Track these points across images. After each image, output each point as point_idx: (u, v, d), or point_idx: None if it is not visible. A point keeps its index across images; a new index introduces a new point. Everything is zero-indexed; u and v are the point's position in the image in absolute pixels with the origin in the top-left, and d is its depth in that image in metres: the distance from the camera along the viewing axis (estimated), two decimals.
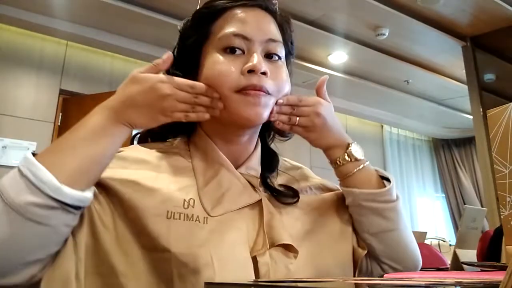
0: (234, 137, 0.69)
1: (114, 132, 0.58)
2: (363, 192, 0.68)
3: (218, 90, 0.63)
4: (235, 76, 0.63)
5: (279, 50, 0.68)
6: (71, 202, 0.52)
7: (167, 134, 0.74)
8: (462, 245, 1.20)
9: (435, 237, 4.06)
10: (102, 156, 0.56)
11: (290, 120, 0.66)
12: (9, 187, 0.50)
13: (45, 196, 0.50)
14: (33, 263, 0.51)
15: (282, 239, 0.63)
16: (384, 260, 0.71)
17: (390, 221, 0.69)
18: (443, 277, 0.68)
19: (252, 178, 0.69)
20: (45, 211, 0.50)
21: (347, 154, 0.69)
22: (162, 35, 3.40)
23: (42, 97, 3.45)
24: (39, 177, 0.50)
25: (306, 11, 3.37)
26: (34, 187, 0.50)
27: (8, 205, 0.49)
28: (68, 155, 0.54)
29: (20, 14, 3.21)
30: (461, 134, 6.22)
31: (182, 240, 0.58)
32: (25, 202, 0.49)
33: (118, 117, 0.58)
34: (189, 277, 0.56)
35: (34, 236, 0.50)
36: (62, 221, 0.52)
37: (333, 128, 0.69)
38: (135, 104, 0.58)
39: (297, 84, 4.15)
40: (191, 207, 0.61)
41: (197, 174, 0.66)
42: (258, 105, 0.62)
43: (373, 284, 0.44)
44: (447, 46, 3.83)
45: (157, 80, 0.59)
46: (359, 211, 0.70)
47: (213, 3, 0.68)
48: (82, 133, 0.56)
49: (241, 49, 0.65)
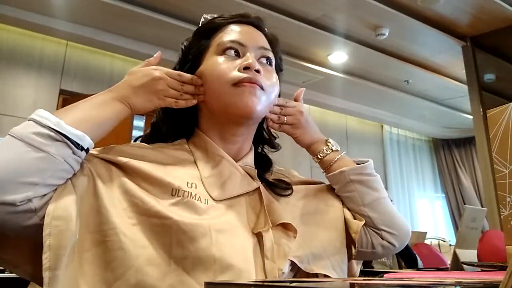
0: (231, 136, 0.75)
1: (115, 107, 0.67)
2: (351, 167, 0.79)
3: (216, 85, 0.71)
4: (231, 72, 0.71)
5: (270, 57, 0.78)
6: (71, 136, 0.59)
7: (167, 138, 0.79)
8: (462, 245, 1.20)
9: (435, 237, 4.06)
10: (103, 119, 0.65)
11: (279, 119, 0.79)
12: (18, 127, 0.59)
13: (47, 128, 0.58)
14: (29, 185, 0.55)
15: (283, 219, 0.70)
16: (381, 227, 0.79)
17: (378, 191, 0.80)
18: (443, 277, 0.68)
19: (250, 169, 0.75)
20: (45, 140, 0.57)
21: (327, 147, 0.82)
22: (162, 35, 3.41)
23: (42, 97, 3.45)
24: (44, 116, 0.59)
25: (306, 11, 3.37)
26: (38, 123, 0.58)
27: (14, 137, 0.57)
28: (74, 111, 0.64)
29: (20, 14, 3.21)
30: (461, 134, 6.22)
31: (184, 211, 0.63)
32: (29, 132, 0.57)
33: (120, 97, 0.68)
34: (187, 244, 0.60)
35: (32, 160, 0.56)
36: (60, 152, 0.58)
37: (313, 126, 0.83)
38: (133, 87, 0.69)
39: (297, 84, 4.15)
40: (193, 188, 0.67)
41: (199, 165, 0.72)
42: (254, 95, 0.70)
43: (373, 284, 0.44)
44: (447, 46, 3.83)
45: (150, 68, 0.71)
46: (350, 188, 0.79)
47: (212, 21, 0.80)
48: (89, 102, 0.66)
49: (237, 52, 0.74)
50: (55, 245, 0.55)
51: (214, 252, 0.60)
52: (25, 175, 0.55)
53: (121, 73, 4.05)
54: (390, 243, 0.79)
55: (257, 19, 0.81)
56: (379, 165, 5.64)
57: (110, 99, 0.67)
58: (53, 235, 0.55)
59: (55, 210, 0.57)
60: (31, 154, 0.56)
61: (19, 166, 0.55)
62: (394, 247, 0.80)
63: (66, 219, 0.56)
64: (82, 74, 3.67)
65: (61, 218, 0.56)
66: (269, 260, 0.65)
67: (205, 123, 0.76)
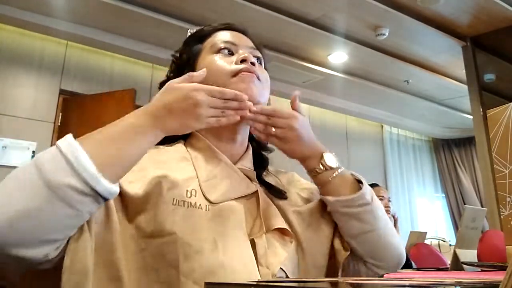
0: (228, 135, 0.76)
1: (150, 134, 0.61)
2: (338, 200, 0.72)
3: (217, 80, 0.72)
4: (230, 65, 0.74)
5: (260, 56, 0.81)
6: (104, 193, 0.54)
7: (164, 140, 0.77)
8: (462, 245, 1.20)
9: (435, 237, 4.05)
10: (134, 153, 0.60)
11: (265, 129, 0.71)
12: (48, 164, 0.51)
13: (83, 182, 0.52)
14: (51, 242, 0.52)
15: (278, 224, 0.69)
16: (366, 259, 0.76)
17: (367, 223, 0.73)
18: (443, 277, 0.68)
19: (248, 172, 0.75)
20: (79, 196, 0.52)
21: (322, 164, 0.74)
22: (162, 35, 3.40)
23: (42, 97, 3.44)
24: (81, 162, 0.52)
25: (306, 11, 3.36)
26: (74, 170, 0.51)
27: (43, 181, 0.50)
28: (107, 145, 0.57)
29: (20, 14, 3.20)
30: (461, 134, 6.22)
31: (186, 224, 0.62)
32: (63, 183, 0.50)
33: (155, 122, 0.61)
34: (194, 256, 0.60)
35: (60, 217, 0.51)
36: (89, 208, 0.54)
37: (308, 140, 0.73)
38: (171, 111, 0.62)
39: (297, 84, 4.15)
40: (193, 196, 0.66)
41: (197, 168, 0.71)
42: (252, 82, 0.73)
43: (373, 284, 0.44)
44: (447, 46, 3.82)
45: (191, 89, 0.63)
46: (338, 217, 0.75)
47: (201, 29, 0.83)
48: (121, 129, 0.59)
49: (231, 51, 0.78)
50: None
51: (222, 260, 0.60)
52: (49, 233, 0.51)
53: (121, 73, 4.04)
54: (377, 272, 0.77)
55: (243, 27, 0.84)
56: (379, 165, 5.64)
57: (146, 124, 0.61)
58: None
59: (73, 264, 0.54)
60: (61, 209, 0.51)
61: (45, 222, 0.50)
62: (381, 276, 0.77)
63: (84, 272, 0.54)
64: (82, 74, 3.66)
65: (79, 272, 0.54)
66: (263, 267, 0.65)
67: None
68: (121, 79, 3.74)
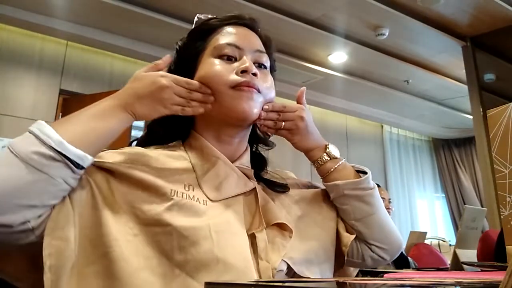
0: (227, 138, 0.75)
1: (119, 116, 0.65)
2: (346, 182, 0.76)
3: (214, 87, 0.71)
4: (230, 74, 0.71)
5: (265, 61, 0.78)
6: (72, 157, 0.58)
7: (163, 140, 0.79)
8: (462, 245, 1.20)
9: (435, 237, 4.06)
10: (105, 131, 0.63)
11: (276, 125, 0.75)
12: (18, 142, 0.57)
13: (48, 147, 0.56)
14: (27, 207, 0.55)
15: (277, 219, 0.70)
16: (371, 241, 0.79)
17: (371, 206, 0.78)
18: (443, 277, 0.69)
19: (246, 170, 0.76)
20: (46, 160, 0.56)
21: (326, 154, 0.78)
22: (162, 35, 3.40)
23: (42, 97, 3.44)
24: (46, 133, 0.57)
25: (306, 11, 3.37)
26: (40, 140, 0.57)
27: (14, 154, 0.55)
28: (75, 123, 0.62)
29: (20, 14, 3.21)
30: (461, 134, 6.22)
31: (183, 215, 0.63)
32: (30, 151, 0.56)
33: (124, 106, 0.66)
34: (189, 249, 0.60)
35: (32, 182, 0.55)
36: (60, 174, 0.57)
37: (313, 132, 0.78)
38: (138, 95, 0.66)
39: (297, 84, 4.15)
40: (191, 190, 0.67)
41: (195, 167, 0.72)
42: (252, 99, 0.71)
43: (373, 284, 0.44)
44: (447, 46, 3.83)
45: (158, 75, 0.68)
46: (343, 201, 0.78)
47: (207, 22, 0.79)
48: (90, 111, 0.64)
49: (234, 57, 0.74)
50: (56, 265, 0.56)
51: (216, 253, 0.60)
52: (24, 198, 0.55)
53: (121, 73, 4.03)
54: (380, 256, 0.80)
55: (252, 20, 0.81)
56: (379, 165, 5.64)
57: (113, 108, 0.65)
58: (53, 255, 0.56)
59: (54, 230, 0.57)
60: (31, 175, 0.55)
61: (18, 188, 0.54)
62: (384, 260, 0.81)
63: (65, 239, 0.57)
64: (82, 74, 3.66)
65: (60, 238, 0.57)
66: (263, 261, 0.66)
67: (201, 125, 0.76)
68: (121, 79, 3.73)
